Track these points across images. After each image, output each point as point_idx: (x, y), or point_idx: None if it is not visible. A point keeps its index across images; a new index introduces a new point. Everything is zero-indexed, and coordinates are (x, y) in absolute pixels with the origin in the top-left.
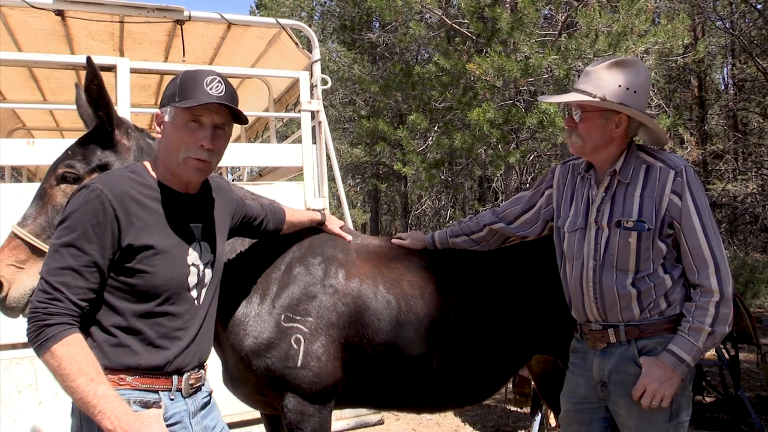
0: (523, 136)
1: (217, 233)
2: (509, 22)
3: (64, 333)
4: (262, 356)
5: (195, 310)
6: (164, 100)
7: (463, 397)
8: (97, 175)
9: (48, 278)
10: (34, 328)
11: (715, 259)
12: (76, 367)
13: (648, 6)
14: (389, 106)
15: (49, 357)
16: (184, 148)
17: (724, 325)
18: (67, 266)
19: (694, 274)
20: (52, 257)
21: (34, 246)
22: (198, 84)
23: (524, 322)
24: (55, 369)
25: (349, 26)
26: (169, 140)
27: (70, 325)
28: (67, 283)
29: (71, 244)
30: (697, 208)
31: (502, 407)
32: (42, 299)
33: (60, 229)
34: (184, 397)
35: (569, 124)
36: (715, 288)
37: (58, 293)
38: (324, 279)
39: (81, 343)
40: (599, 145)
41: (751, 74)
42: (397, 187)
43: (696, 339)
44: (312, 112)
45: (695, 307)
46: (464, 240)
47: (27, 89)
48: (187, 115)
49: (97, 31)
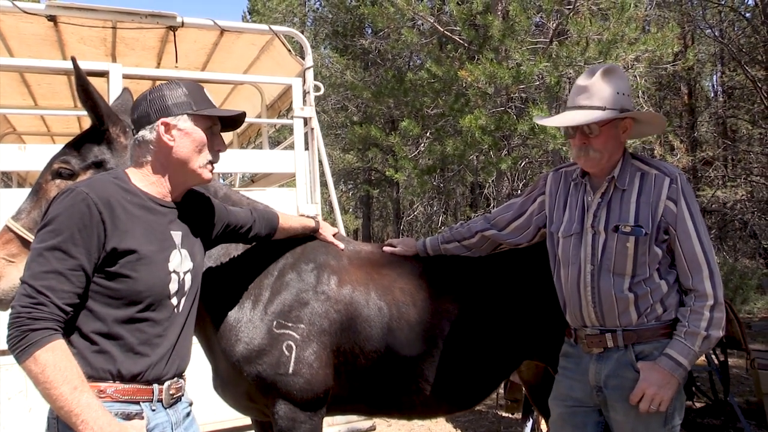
0: (514, 143)
1: (197, 241)
2: (501, 29)
3: (48, 338)
4: (253, 362)
5: (174, 317)
6: (175, 109)
7: (455, 402)
8: (85, 177)
9: (32, 282)
10: (17, 333)
11: (709, 264)
12: (60, 374)
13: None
14: (381, 112)
15: (32, 363)
16: (205, 153)
17: (718, 329)
18: (52, 270)
19: (689, 279)
20: (36, 261)
21: (26, 240)
22: (203, 94)
23: (515, 328)
24: (37, 376)
25: (341, 32)
26: (188, 145)
27: (54, 330)
28: (53, 287)
29: (57, 247)
30: (691, 214)
31: (493, 413)
32: (25, 304)
33: (44, 233)
34: (165, 408)
35: (582, 141)
36: (709, 292)
37: (42, 297)
38: (316, 286)
39: (65, 349)
40: (613, 154)
41: (740, 82)
42: (389, 193)
43: (692, 343)
44: (304, 118)
45: (690, 311)
46: (456, 246)
47: (18, 94)
48: (209, 123)
49: (89, 37)
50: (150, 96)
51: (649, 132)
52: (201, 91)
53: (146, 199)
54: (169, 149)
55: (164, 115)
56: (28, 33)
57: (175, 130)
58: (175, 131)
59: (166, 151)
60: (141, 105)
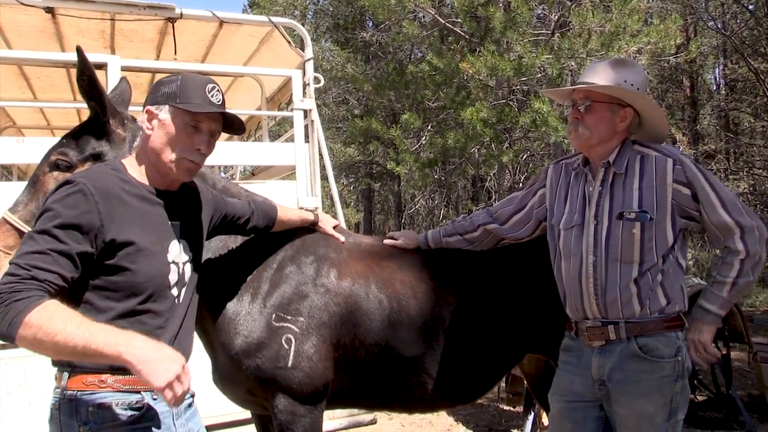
0: (516, 136)
1: (196, 232)
2: (502, 21)
3: (36, 301)
4: (252, 356)
5: (175, 308)
6: (161, 98)
7: (456, 396)
8: (83, 169)
9: (17, 261)
10: (1, 309)
11: (741, 226)
12: (59, 320)
13: (640, 6)
14: (382, 105)
15: (25, 329)
16: (179, 149)
17: (748, 277)
18: (39, 250)
19: (721, 241)
20: (26, 243)
21: (23, 232)
22: (199, 90)
23: (517, 321)
24: (35, 336)
25: (342, 25)
26: (162, 137)
27: (40, 295)
28: (37, 265)
29: (47, 231)
30: (712, 186)
31: (494, 406)
32: (7, 281)
33: (40, 220)
34: None
35: (575, 115)
36: (741, 248)
37: (25, 272)
38: (316, 278)
39: (58, 304)
40: (604, 138)
41: (743, 74)
42: (390, 187)
43: (720, 290)
44: (305, 110)
45: (722, 263)
46: (457, 240)
47: (17, 87)
48: (188, 118)
49: (87, 29)
50: (155, 85)
51: (653, 133)
52: (199, 88)
53: (143, 190)
54: (147, 138)
55: (151, 103)
56: (26, 25)
57: (155, 120)
58: (155, 121)
59: (145, 139)
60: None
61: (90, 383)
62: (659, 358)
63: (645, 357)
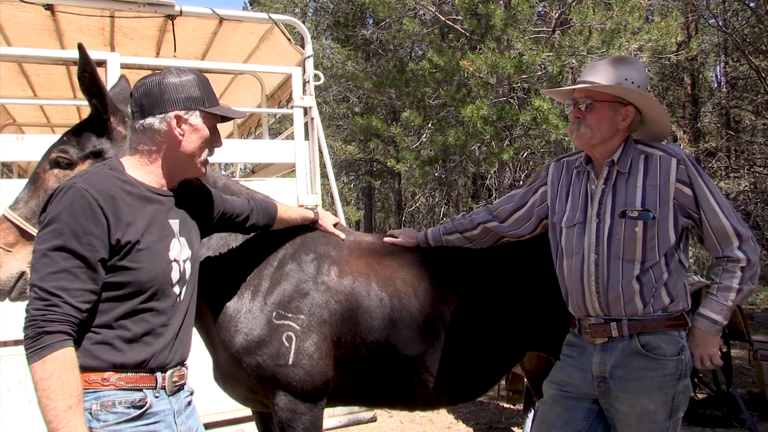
0: (516, 133)
1: (194, 229)
2: (503, 18)
3: (59, 344)
4: (253, 354)
5: (177, 306)
6: (188, 103)
7: (456, 394)
8: (84, 166)
9: (42, 284)
10: (32, 333)
11: (738, 234)
12: (61, 388)
13: (641, 3)
14: (383, 102)
15: (40, 367)
16: (207, 150)
17: (751, 285)
18: (60, 269)
19: (719, 251)
20: (41, 262)
21: (24, 230)
22: (212, 90)
23: (518, 319)
24: (40, 380)
25: (342, 23)
26: (196, 141)
27: (67, 335)
28: (64, 287)
29: (61, 247)
30: (711, 192)
31: (495, 404)
32: (38, 306)
33: (45, 233)
34: (168, 396)
35: (576, 114)
36: (741, 257)
37: (56, 299)
38: (316, 276)
39: (72, 360)
40: (606, 137)
41: (744, 72)
42: (390, 184)
43: (725, 299)
44: (305, 108)
45: (723, 270)
46: (457, 238)
47: (17, 85)
48: (215, 121)
49: (87, 26)
50: (162, 83)
51: (655, 131)
52: (210, 86)
53: (143, 189)
54: (178, 143)
55: (178, 107)
56: (26, 22)
57: (186, 125)
58: (186, 126)
59: (174, 144)
60: (151, 89)
61: (93, 381)
62: (662, 356)
63: (647, 355)
